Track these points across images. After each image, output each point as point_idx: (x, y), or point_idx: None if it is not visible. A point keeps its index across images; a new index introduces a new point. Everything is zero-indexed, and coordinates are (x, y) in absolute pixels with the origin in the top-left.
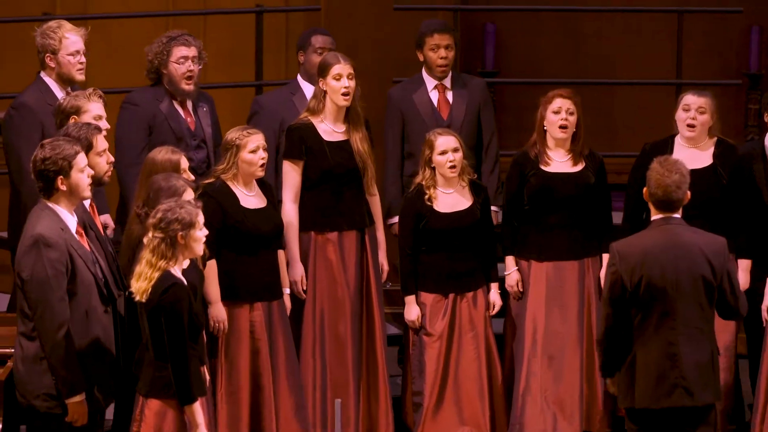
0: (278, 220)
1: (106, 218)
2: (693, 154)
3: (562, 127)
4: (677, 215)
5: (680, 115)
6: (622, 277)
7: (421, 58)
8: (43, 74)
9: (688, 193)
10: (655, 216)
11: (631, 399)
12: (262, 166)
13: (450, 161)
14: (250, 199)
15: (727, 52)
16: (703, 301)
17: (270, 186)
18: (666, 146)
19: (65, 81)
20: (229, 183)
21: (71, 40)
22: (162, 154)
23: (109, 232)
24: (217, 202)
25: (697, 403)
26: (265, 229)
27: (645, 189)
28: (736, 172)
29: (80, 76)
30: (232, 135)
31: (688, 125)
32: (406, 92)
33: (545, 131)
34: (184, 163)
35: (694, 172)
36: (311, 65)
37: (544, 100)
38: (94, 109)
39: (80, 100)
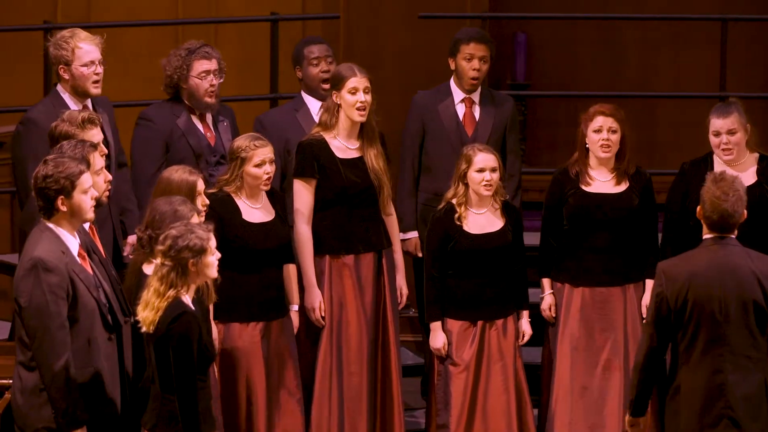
0: (285, 235)
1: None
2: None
3: (603, 146)
4: (732, 235)
5: (713, 140)
6: (667, 299)
7: (453, 67)
8: (59, 87)
9: (745, 212)
10: (707, 235)
11: (675, 428)
12: (267, 180)
13: (486, 180)
14: (255, 212)
15: None
16: (754, 327)
17: (281, 196)
18: (705, 165)
19: (80, 94)
20: (233, 195)
21: (85, 50)
22: (178, 173)
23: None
24: (217, 215)
25: None
26: (268, 245)
27: (699, 207)
28: None
29: (95, 90)
30: (238, 144)
31: (724, 151)
32: (430, 102)
33: (587, 149)
34: (201, 186)
35: None
36: (310, 78)
37: (585, 116)
38: (90, 139)
39: (74, 129)
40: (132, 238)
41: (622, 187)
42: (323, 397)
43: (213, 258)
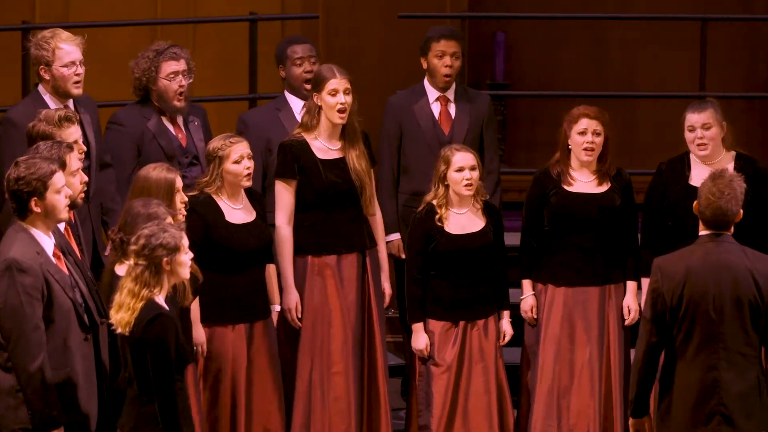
0: (267, 234)
1: None
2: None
3: (587, 149)
4: (728, 233)
5: (687, 136)
6: (663, 295)
7: (425, 66)
8: (40, 87)
9: (741, 212)
10: (703, 231)
11: (667, 425)
12: (247, 176)
13: (467, 179)
14: (237, 212)
15: (755, 63)
16: (749, 325)
17: (259, 195)
18: (682, 164)
19: (61, 95)
20: (214, 196)
21: (65, 50)
22: (156, 171)
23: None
24: (200, 217)
25: None
26: (253, 246)
27: (695, 203)
28: (758, 187)
29: (76, 90)
30: (214, 144)
31: (698, 146)
32: (406, 102)
33: (569, 150)
34: (179, 183)
35: None
36: (293, 78)
37: (569, 118)
38: (67, 138)
39: (51, 128)
40: None
41: (604, 187)
42: (304, 397)
43: (186, 257)
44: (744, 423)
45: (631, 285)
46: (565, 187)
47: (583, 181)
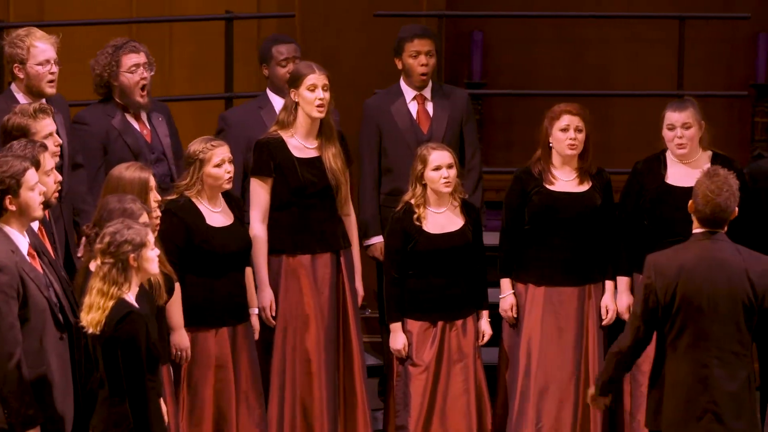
0: (246, 238)
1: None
2: (687, 171)
3: (570, 145)
4: (722, 231)
5: (666, 135)
6: (656, 291)
7: (400, 66)
8: (13, 86)
9: (736, 209)
10: (697, 229)
11: (658, 422)
12: (228, 179)
13: (444, 177)
14: (216, 216)
15: (733, 62)
16: (742, 324)
17: (237, 199)
18: (658, 163)
19: (35, 94)
20: (194, 199)
21: (40, 48)
22: (130, 171)
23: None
24: (182, 221)
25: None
26: (233, 249)
27: (690, 202)
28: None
29: (50, 89)
30: (195, 147)
31: (678, 145)
32: (383, 103)
33: (551, 148)
34: (153, 182)
35: (691, 191)
36: (277, 78)
37: (551, 115)
38: (43, 129)
39: (26, 119)
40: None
41: (585, 186)
42: (278, 397)
43: (153, 253)
44: (734, 422)
45: (609, 285)
46: (547, 186)
47: (564, 180)
